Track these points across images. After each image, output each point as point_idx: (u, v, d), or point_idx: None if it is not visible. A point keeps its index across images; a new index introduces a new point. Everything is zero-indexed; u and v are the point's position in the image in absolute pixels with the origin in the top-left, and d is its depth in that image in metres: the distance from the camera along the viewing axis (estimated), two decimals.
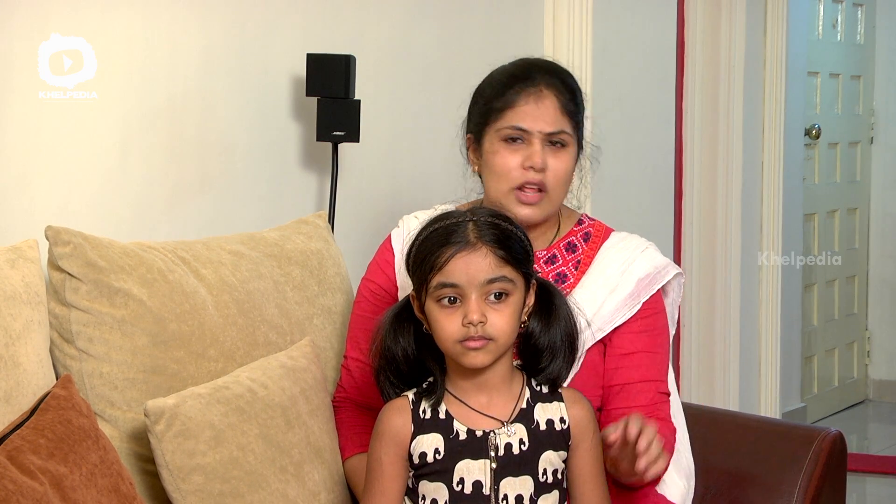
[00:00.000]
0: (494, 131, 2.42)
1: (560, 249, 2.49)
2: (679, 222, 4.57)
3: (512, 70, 2.46)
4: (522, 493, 2.10)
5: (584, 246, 2.49)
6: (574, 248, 2.49)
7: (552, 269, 2.47)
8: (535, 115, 2.40)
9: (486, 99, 2.46)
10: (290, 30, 3.03)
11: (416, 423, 2.12)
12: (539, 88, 2.41)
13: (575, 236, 2.50)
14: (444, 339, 2.08)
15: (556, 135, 2.40)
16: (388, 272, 2.52)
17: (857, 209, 6.42)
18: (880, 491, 5.19)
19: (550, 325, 2.15)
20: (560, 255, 2.48)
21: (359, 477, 2.38)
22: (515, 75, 2.44)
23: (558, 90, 2.42)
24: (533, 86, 2.41)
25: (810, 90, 5.98)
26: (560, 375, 2.16)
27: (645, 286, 2.44)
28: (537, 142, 2.39)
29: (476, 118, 2.47)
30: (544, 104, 2.40)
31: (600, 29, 3.97)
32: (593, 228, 2.52)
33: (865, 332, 6.52)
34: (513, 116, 2.41)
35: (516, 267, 2.09)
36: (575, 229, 2.51)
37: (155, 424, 2.15)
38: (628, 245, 2.49)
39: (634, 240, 2.51)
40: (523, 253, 2.11)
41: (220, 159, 2.87)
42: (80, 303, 2.26)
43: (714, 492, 2.62)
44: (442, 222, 2.10)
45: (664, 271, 2.47)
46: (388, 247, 2.54)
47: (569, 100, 2.43)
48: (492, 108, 2.43)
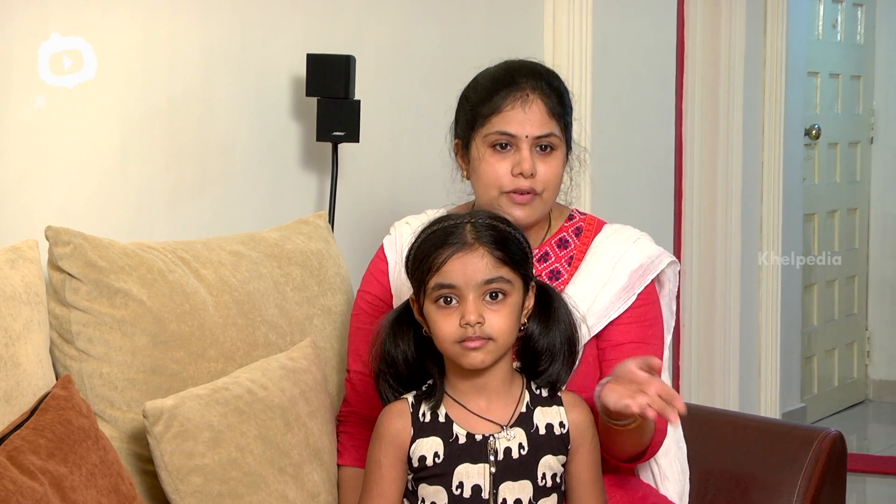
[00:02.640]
0: (482, 137, 2.39)
1: (552, 246, 2.47)
2: (679, 222, 4.57)
3: (496, 74, 2.42)
4: (521, 497, 2.10)
5: (575, 241, 2.47)
6: (566, 243, 2.47)
7: (545, 267, 2.46)
8: (522, 120, 2.36)
9: (471, 104, 2.42)
10: (290, 30, 3.03)
11: (416, 427, 2.12)
12: (525, 93, 2.37)
13: (566, 232, 2.48)
14: (443, 340, 2.08)
15: (545, 138, 2.37)
16: (383, 281, 2.49)
17: (857, 209, 6.42)
18: (880, 491, 5.19)
19: (550, 327, 2.15)
20: (552, 252, 2.46)
21: (345, 489, 2.38)
22: (500, 80, 2.40)
23: (544, 93, 2.38)
24: (519, 90, 2.37)
25: (810, 90, 5.98)
26: (559, 378, 2.16)
27: (638, 278, 2.41)
28: (525, 147, 2.36)
29: (462, 123, 2.44)
30: (531, 108, 2.37)
31: (600, 29, 3.97)
32: (584, 223, 2.49)
33: (865, 332, 6.52)
34: (499, 122, 2.37)
35: (514, 268, 2.09)
36: (566, 225, 2.49)
37: (153, 425, 2.15)
38: (620, 237, 2.46)
39: (626, 231, 2.48)
40: (521, 254, 2.11)
41: (219, 159, 2.87)
42: (80, 303, 2.26)
43: (714, 492, 2.62)
44: (440, 224, 2.11)
45: (657, 261, 2.44)
46: (382, 256, 2.52)
47: (556, 102, 2.39)
48: (478, 113, 2.39)
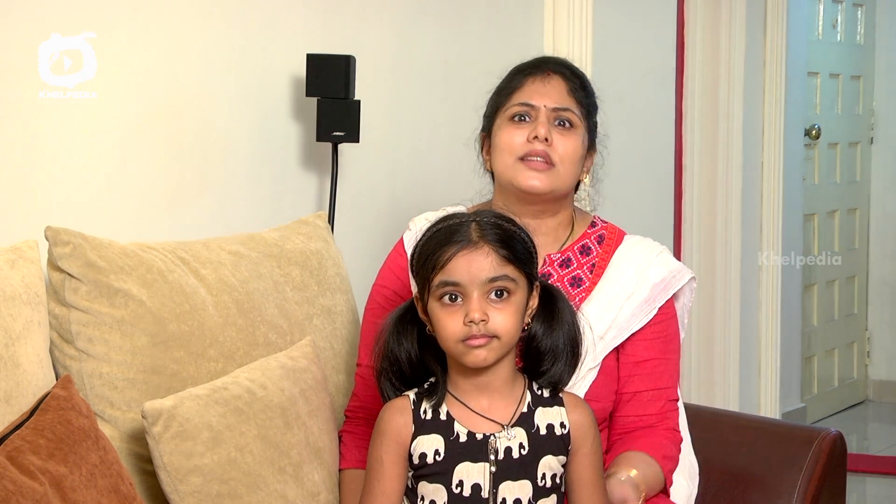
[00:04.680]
0: (503, 114, 2.44)
1: (574, 252, 2.46)
2: (679, 222, 4.57)
3: (523, 64, 2.49)
4: (521, 497, 2.10)
5: (598, 249, 2.47)
6: (588, 250, 2.47)
7: (567, 273, 2.45)
8: (542, 92, 2.42)
9: (497, 91, 2.49)
10: (290, 30, 3.03)
11: (417, 424, 2.11)
12: (546, 72, 2.44)
13: (588, 238, 2.48)
14: (447, 338, 2.07)
15: (563, 111, 2.41)
16: (403, 277, 2.48)
17: (857, 209, 6.42)
18: (880, 491, 5.19)
19: (553, 328, 2.15)
20: (574, 258, 2.46)
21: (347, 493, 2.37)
22: (525, 66, 2.48)
23: (566, 76, 2.45)
24: (541, 71, 2.45)
25: (810, 90, 5.98)
26: (562, 379, 2.16)
27: (660, 291, 2.43)
28: (542, 116, 2.40)
29: (488, 112, 2.49)
30: (551, 83, 2.43)
31: (600, 29, 3.97)
32: (607, 231, 2.50)
33: (865, 332, 6.52)
34: (519, 96, 2.43)
35: (518, 266, 2.08)
36: (588, 231, 2.49)
37: (152, 426, 2.15)
38: (643, 249, 2.47)
39: (648, 244, 2.49)
40: (526, 253, 2.10)
41: (220, 159, 2.87)
42: (79, 303, 2.26)
43: (714, 492, 2.62)
44: (445, 223, 2.11)
45: (679, 276, 2.46)
46: (402, 251, 2.51)
47: (577, 86, 2.45)
48: (501, 96, 2.46)
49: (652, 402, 2.41)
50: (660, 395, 2.42)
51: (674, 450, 2.40)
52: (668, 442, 2.40)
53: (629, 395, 2.41)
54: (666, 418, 2.42)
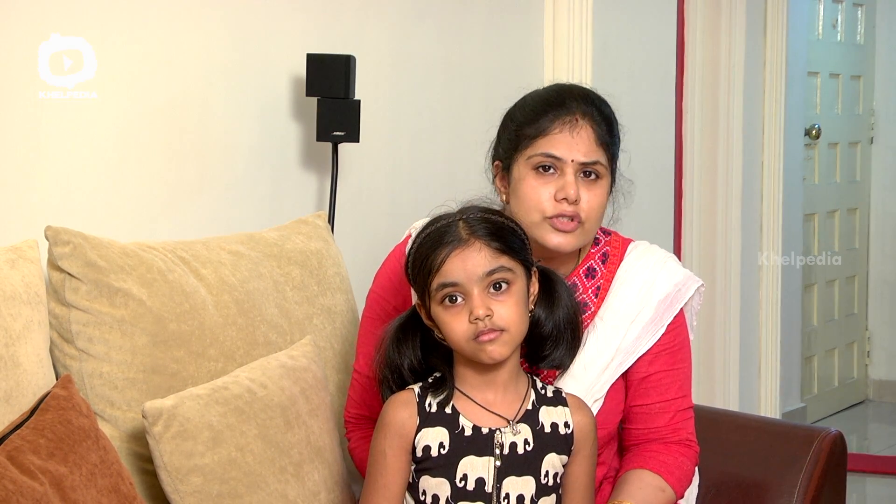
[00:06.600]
0: (525, 159, 2.30)
1: (580, 277, 2.39)
2: (679, 222, 4.57)
3: (545, 95, 2.34)
4: (524, 493, 2.11)
5: (602, 269, 2.40)
6: (593, 273, 2.40)
7: None
8: (570, 144, 2.28)
9: (517, 125, 2.33)
10: (290, 30, 3.03)
11: (422, 416, 2.11)
12: (575, 117, 2.29)
13: (593, 259, 2.40)
14: (457, 339, 2.07)
15: (591, 165, 2.29)
16: (405, 292, 2.39)
17: (857, 209, 6.42)
18: (880, 491, 5.19)
19: (553, 311, 2.15)
20: (580, 282, 2.39)
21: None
22: (549, 101, 2.32)
23: (594, 120, 2.31)
24: (568, 114, 2.29)
25: (810, 90, 5.98)
26: (563, 363, 2.16)
27: (666, 308, 2.36)
28: (570, 172, 2.27)
29: (506, 144, 2.36)
30: (579, 133, 2.28)
31: (600, 29, 3.97)
32: (610, 246, 2.42)
33: (865, 332, 6.52)
34: (545, 144, 2.28)
35: (513, 255, 2.08)
36: (592, 251, 2.41)
37: (153, 425, 2.15)
38: (647, 263, 2.40)
39: (652, 255, 2.41)
40: (518, 241, 2.10)
41: (219, 159, 2.87)
42: (79, 303, 2.26)
43: (714, 491, 2.62)
44: (433, 226, 2.11)
45: (685, 289, 2.38)
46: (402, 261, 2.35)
47: (605, 131, 2.32)
48: (523, 134, 2.31)
49: (659, 414, 2.36)
50: (668, 406, 2.36)
51: (688, 466, 2.36)
52: (682, 458, 2.35)
53: (637, 408, 2.37)
54: (677, 430, 2.36)
